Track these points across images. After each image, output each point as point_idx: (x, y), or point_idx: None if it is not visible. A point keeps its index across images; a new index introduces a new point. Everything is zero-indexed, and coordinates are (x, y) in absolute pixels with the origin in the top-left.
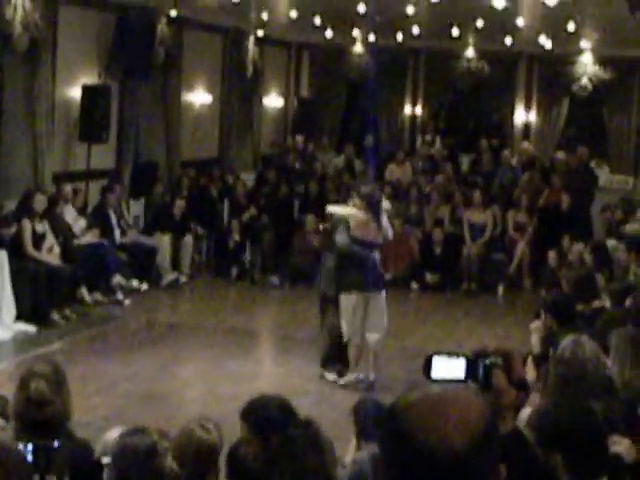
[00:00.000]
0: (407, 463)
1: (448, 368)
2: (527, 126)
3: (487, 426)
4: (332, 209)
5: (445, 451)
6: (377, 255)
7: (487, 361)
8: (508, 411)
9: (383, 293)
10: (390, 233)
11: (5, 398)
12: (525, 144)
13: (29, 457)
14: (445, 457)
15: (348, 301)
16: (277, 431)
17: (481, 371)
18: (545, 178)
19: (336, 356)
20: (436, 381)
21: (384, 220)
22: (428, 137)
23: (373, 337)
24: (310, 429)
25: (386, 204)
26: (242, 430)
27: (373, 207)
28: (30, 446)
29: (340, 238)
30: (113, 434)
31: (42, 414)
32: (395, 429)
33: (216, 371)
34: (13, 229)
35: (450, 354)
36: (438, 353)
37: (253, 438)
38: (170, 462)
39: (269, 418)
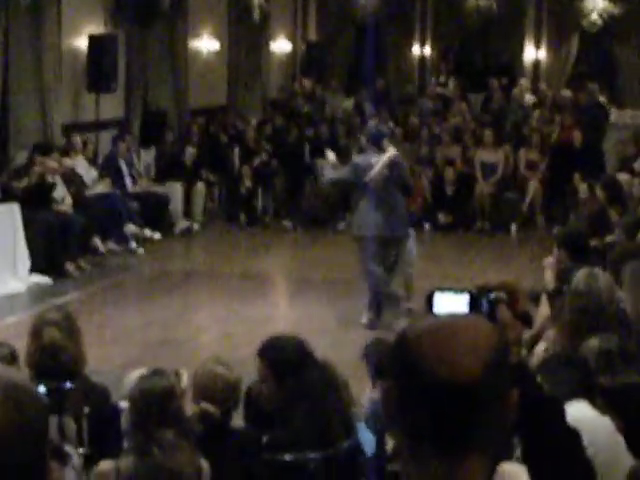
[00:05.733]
0: (418, 391)
1: (451, 304)
2: (537, 64)
3: (498, 352)
4: None
5: (457, 378)
6: None
7: (491, 296)
8: (514, 345)
9: None
10: None
11: (11, 345)
12: (524, 81)
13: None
14: (457, 384)
15: None
16: (293, 371)
17: (485, 306)
18: (556, 115)
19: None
20: None
21: None
22: (442, 78)
23: None
24: (326, 370)
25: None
26: (259, 368)
27: None
28: (42, 388)
29: None
30: (132, 377)
31: (56, 361)
32: (405, 358)
33: (231, 316)
34: (24, 181)
35: (453, 290)
36: (440, 289)
37: (269, 377)
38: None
39: (285, 359)
